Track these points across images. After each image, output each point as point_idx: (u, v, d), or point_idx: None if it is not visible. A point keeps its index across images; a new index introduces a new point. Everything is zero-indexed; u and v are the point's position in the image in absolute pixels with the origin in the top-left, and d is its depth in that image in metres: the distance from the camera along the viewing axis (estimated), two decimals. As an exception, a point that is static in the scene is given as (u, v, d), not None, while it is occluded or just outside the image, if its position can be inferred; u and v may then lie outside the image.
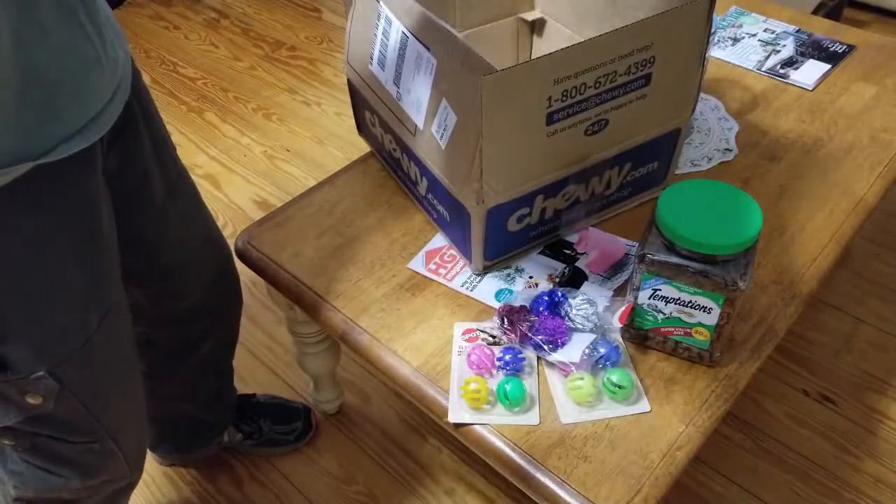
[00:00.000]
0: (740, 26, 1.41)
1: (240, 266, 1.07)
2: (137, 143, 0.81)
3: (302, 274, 0.97)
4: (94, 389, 0.79)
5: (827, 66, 1.29)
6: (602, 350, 0.82)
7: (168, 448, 1.29)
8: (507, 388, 0.79)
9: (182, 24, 2.56)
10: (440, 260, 0.97)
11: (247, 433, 1.29)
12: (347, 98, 1.17)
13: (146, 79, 2.28)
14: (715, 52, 1.34)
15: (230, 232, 1.76)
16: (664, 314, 0.81)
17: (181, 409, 1.18)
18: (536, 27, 1.22)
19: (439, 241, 1.00)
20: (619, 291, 0.92)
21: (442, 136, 0.87)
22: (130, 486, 0.97)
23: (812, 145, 1.14)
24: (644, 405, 0.80)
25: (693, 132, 1.16)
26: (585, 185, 0.93)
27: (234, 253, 1.06)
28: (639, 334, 0.85)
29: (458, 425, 0.80)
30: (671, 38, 0.84)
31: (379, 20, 0.95)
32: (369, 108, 1.05)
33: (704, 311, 0.78)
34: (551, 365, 0.84)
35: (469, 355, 0.84)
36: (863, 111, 1.20)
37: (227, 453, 1.33)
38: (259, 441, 1.30)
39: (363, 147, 1.16)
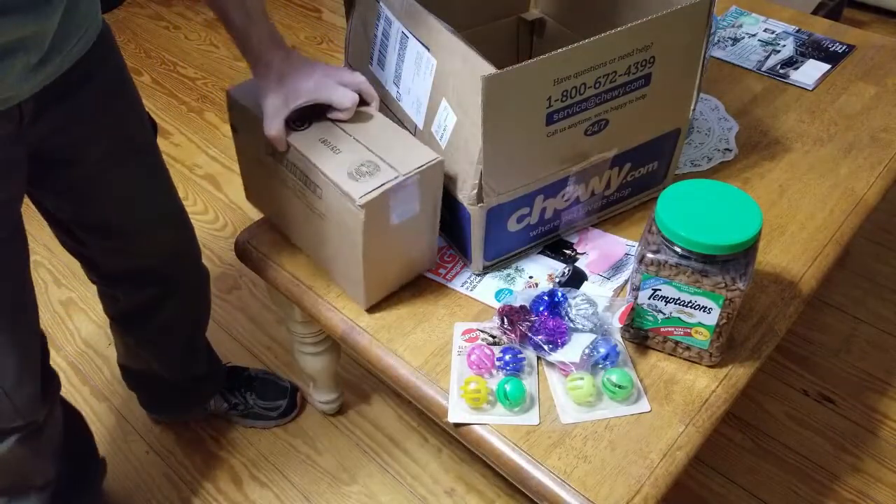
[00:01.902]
0: (740, 26, 1.41)
1: (239, 266, 1.07)
2: (76, 112, 0.84)
3: (302, 274, 0.97)
4: None
5: (827, 66, 1.29)
6: (602, 350, 0.82)
7: (152, 405, 1.35)
8: (507, 388, 0.79)
9: (182, 24, 2.56)
10: (440, 260, 0.97)
11: (232, 404, 1.34)
12: (347, 98, 1.16)
13: (146, 79, 2.29)
14: (715, 52, 1.34)
15: (230, 232, 1.76)
16: (664, 314, 0.81)
17: (152, 370, 1.23)
18: (536, 27, 1.22)
19: (439, 241, 1.00)
20: (619, 291, 0.92)
21: (442, 136, 0.87)
22: (27, 435, 0.94)
23: (812, 145, 1.14)
24: (644, 405, 0.80)
25: (693, 132, 1.16)
26: (585, 185, 0.93)
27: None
28: (639, 334, 0.85)
29: (458, 425, 0.80)
30: (671, 38, 0.84)
31: (379, 20, 0.95)
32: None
33: (704, 311, 0.78)
34: (551, 365, 0.84)
35: (469, 355, 0.84)
36: (863, 111, 1.20)
37: (227, 453, 1.33)
38: (242, 413, 1.34)
39: (363, 147, 1.15)
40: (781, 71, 1.28)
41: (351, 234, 0.82)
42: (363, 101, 0.88)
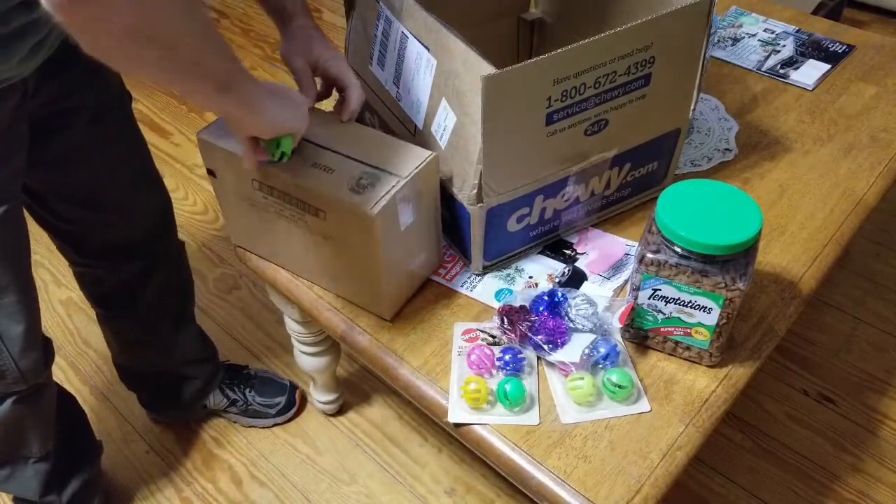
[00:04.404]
0: (740, 26, 1.41)
1: (239, 266, 1.07)
2: (70, 80, 0.89)
3: (302, 274, 0.97)
4: None
5: (827, 66, 1.29)
6: (602, 350, 0.82)
7: (152, 403, 1.36)
8: (507, 388, 0.79)
9: (182, 24, 2.56)
10: (440, 260, 0.97)
11: (231, 400, 1.35)
12: (347, 98, 1.17)
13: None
14: (715, 52, 1.34)
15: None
16: (664, 314, 0.81)
17: (148, 365, 1.25)
18: (536, 27, 1.22)
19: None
20: (619, 291, 0.92)
21: (442, 137, 0.87)
22: (27, 396, 0.97)
23: (812, 145, 1.14)
24: (644, 405, 0.80)
25: (693, 132, 1.16)
26: (585, 185, 0.93)
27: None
28: (639, 334, 0.85)
29: (458, 425, 0.80)
30: (671, 38, 0.84)
31: (379, 20, 0.95)
32: (369, 108, 1.05)
33: (704, 311, 0.78)
34: (551, 365, 0.84)
35: (469, 355, 0.84)
36: (863, 111, 1.20)
37: (227, 453, 1.33)
38: (241, 410, 1.35)
39: (363, 147, 1.16)
40: (781, 71, 1.28)
41: (365, 247, 0.81)
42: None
